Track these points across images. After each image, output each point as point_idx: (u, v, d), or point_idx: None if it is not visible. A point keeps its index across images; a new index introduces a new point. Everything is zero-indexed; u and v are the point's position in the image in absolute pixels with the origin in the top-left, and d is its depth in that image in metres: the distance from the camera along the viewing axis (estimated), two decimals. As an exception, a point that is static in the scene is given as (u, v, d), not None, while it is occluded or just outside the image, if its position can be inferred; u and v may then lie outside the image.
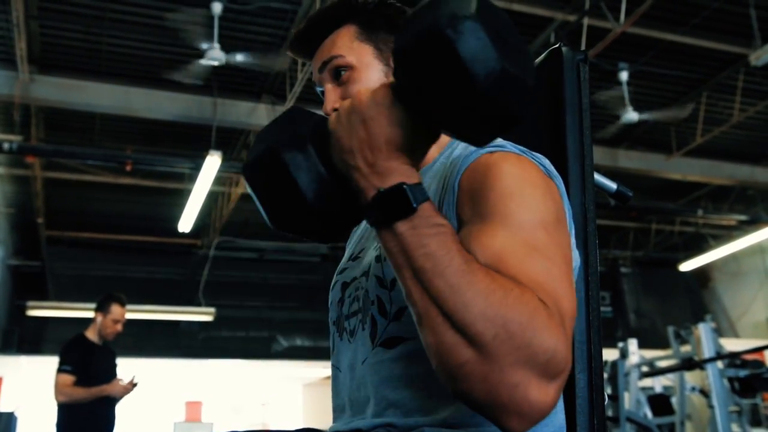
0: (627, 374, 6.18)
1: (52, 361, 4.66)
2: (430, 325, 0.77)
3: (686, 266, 11.98)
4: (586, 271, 1.11)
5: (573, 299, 0.85)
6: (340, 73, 1.12)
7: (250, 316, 11.92)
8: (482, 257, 0.82)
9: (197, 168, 7.38)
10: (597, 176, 1.19)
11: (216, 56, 5.98)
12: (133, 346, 9.58)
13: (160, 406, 11.81)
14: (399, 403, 1.00)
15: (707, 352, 5.40)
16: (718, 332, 6.17)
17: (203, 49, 6.00)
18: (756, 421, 6.45)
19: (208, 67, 6.13)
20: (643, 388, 6.62)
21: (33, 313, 10.25)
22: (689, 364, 5.35)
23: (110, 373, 4.72)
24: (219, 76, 6.76)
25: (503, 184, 0.93)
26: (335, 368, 1.17)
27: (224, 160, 7.30)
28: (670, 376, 6.31)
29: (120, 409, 4.72)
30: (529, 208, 0.91)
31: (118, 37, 6.63)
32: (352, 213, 0.89)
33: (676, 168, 9.13)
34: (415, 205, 0.80)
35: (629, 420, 5.74)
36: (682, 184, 10.08)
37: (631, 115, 7.09)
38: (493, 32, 0.76)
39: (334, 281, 1.20)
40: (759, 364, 5.77)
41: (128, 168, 7.59)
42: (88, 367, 4.55)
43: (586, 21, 6.32)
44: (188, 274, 11.59)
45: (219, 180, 8.71)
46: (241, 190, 9.38)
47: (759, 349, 5.00)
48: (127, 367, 4.99)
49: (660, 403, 6.40)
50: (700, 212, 9.98)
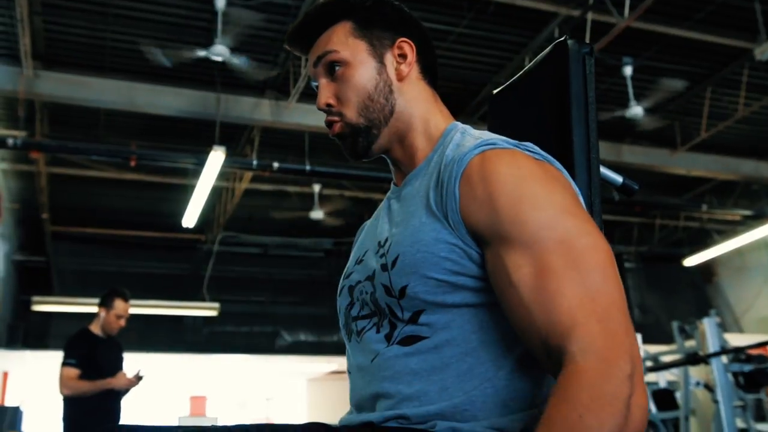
0: (631, 369, 6.18)
1: (57, 356, 4.67)
2: None
3: (691, 261, 11.95)
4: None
5: (612, 284, 0.90)
6: (334, 69, 1.13)
7: (254, 311, 11.94)
8: (526, 294, 0.91)
9: (201, 163, 7.38)
10: (603, 169, 1.19)
11: (219, 52, 5.98)
12: (138, 341, 9.60)
13: (165, 400, 11.85)
14: (413, 396, 1.00)
15: (712, 347, 5.39)
16: (723, 327, 6.15)
17: (207, 44, 6.00)
18: (760, 416, 6.43)
19: (211, 61, 6.13)
20: (648, 383, 6.62)
21: (38, 308, 10.27)
22: (694, 358, 5.34)
23: (115, 367, 4.73)
24: (223, 71, 6.75)
25: (508, 189, 0.95)
26: (348, 372, 1.16)
27: (228, 155, 7.30)
28: (675, 371, 6.31)
29: (125, 403, 4.73)
30: (544, 204, 0.94)
31: (122, 33, 6.63)
32: None
33: (681, 163, 9.11)
34: None
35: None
36: (687, 179, 10.06)
37: (636, 110, 7.08)
38: None
39: (341, 286, 1.19)
40: (764, 358, 5.75)
41: (132, 163, 7.59)
42: (93, 360, 4.57)
43: (590, 16, 6.30)
44: (192, 270, 11.61)
45: (223, 175, 8.72)
46: (245, 186, 9.39)
47: (764, 344, 4.98)
48: (131, 362, 5.00)
49: (664, 398, 6.39)
50: (705, 207, 9.95)
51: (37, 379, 10.56)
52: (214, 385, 12.62)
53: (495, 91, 1.41)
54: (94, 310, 4.84)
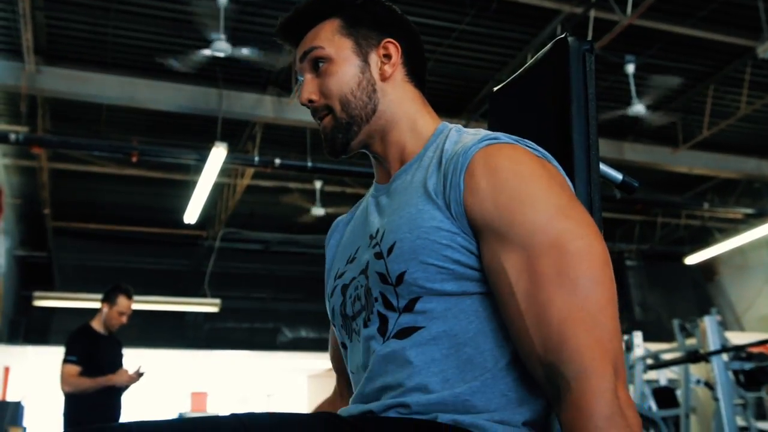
0: (632, 367, 6.18)
1: (59, 352, 4.68)
2: None
3: (692, 259, 11.95)
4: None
5: (604, 297, 0.93)
6: (318, 65, 1.14)
7: (256, 307, 11.96)
8: (520, 301, 0.94)
9: (203, 159, 7.39)
10: (603, 166, 1.19)
11: (222, 48, 5.98)
12: (139, 337, 9.61)
13: (166, 396, 11.86)
14: (415, 389, 1.00)
15: (712, 345, 5.39)
16: (724, 325, 6.15)
17: (209, 40, 6.00)
18: (761, 414, 6.43)
19: (214, 58, 6.13)
20: (648, 381, 6.61)
21: (39, 303, 10.29)
22: (694, 356, 5.33)
23: (116, 363, 4.73)
24: (225, 67, 6.76)
25: (509, 186, 0.98)
26: (351, 372, 1.15)
27: (230, 151, 7.31)
28: (675, 368, 6.31)
29: (126, 399, 4.74)
30: (541, 204, 0.97)
31: (124, 29, 6.63)
32: None
33: (683, 161, 9.10)
34: None
35: (634, 412, 5.73)
36: (689, 177, 10.05)
37: (638, 108, 7.07)
38: None
39: (332, 287, 1.18)
40: (764, 357, 5.74)
41: (134, 159, 7.59)
42: (94, 357, 4.57)
43: (593, 13, 6.30)
44: (194, 266, 11.62)
45: (224, 171, 8.72)
46: (247, 182, 9.39)
47: (764, 342, 4.98)
48: (132, 358, 5.01)
49: (665, 395, 6.39)
50: (706, 205, 9.94)
51: (39, 374, 10.58)
52: (215, 382, 12.62)
53: (495, 89, 1.41)
54: (96, 305, 4.84)
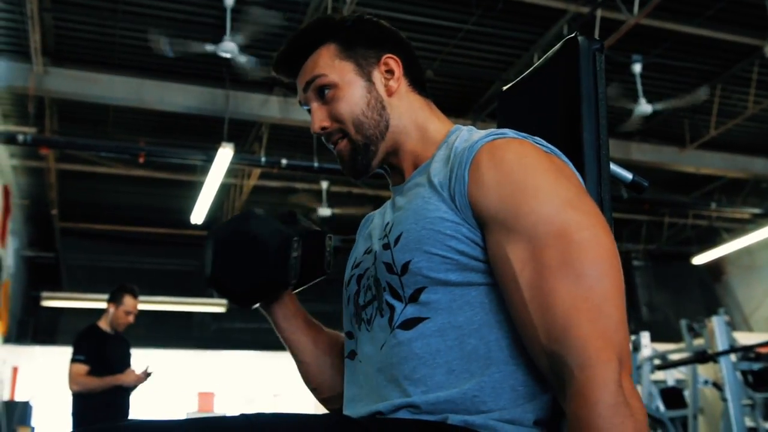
0: (639, 367, 6.16)
1: (66, 351, 4.69)
2: None
3: (699, 259, 11.91)
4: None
5: (610, 287, 0.93)
6: (324, 92, 1.15)
7: (263, 307, 11.95)
8: (525, 291, 0.94)
9: (210, 160, 7.40)
10: (612, 166, 1.19)
11: (228, 49, 5.98)
12: (146, 337, 9.63)
13: (173, 396, 11.88)
14: (420, 381, 1.01)
15: (720, 345, 5.36)
16: (732, 326, 6.12)
17: (216, 41, 6.00)
18: (769, 415, 6.40)
19: (220, 58, 6.13)
20: (656, 382, 6.59)
21: (47, 303, 10.32)
22: (702, 357, 5.32)
23: (124, 363, 4.75)
24: (231, 68, 6.76)
25: (514, 178, 0.98)
26: (356, 360, 1.15)
27: (236, 152, 7.32)
28: (683, 369, 6.28)
29: (133, 399, 4.75)
30: (547, 195, 0.97)
31: (131, 30, 6.64)
32: None
33: (690, 161, 9.07)
34: None
35: (641, 413, 5.72)
36: (696, 177, 10.02)
37: (645, 108, 7.05)
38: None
39: (349, 276, 1.20)
40: (772, 357, 5.72)
41: (141, 160, 7.61)
42: (102, 356, 4.59)
43: (599, 13, 6.28)
44: (200, 266, 11.61)
45: (231, 172, 8.73)
46: (254, 182, 9.41)
47: (772, 343, 4.98)
48: (139, 358, 5.02)
49: (672, 396, 6.37)
50: (714, 205, 9.91)
51: (47, 374, 10.61)
52: (222, 382, 12.64)
53: (504, 88, 1.41)
54: (103, 305, 4.85)
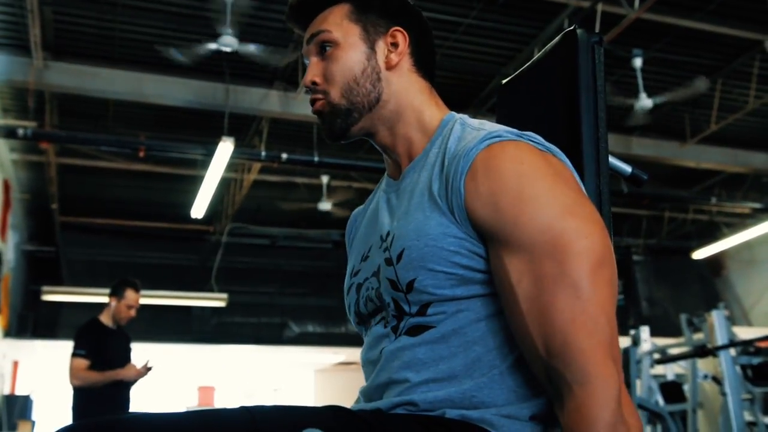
0: (639, 361, 6.17)
1: (67, 346, 4.70)
2: None
3: (699, 254, 11.90)
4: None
5: (605, 298, 0.93)
6: (325, 48, 1.13)
7: (262, 302, 11.98)
8: (524, 303, 0.94)
9: (210, 154, 7.40)
10: (612, 159, 1.19)
11: (229, 43, 5.98)
12: (146, 332, 9.62)
13: (173, 391, 11.91)
14: (421, 383, 1.01)
15: (720, 340, 5.37)
16: (731, 320, 6.13)
17: (216, 35, 6.00)
18: (768, 409, 6.41)
19: (220, 52, 6.13)
20: (655, 376, 6.60)
21: (47, 297, 10.32)
22: (702, 351, 5.32)
23: (124, 357, 4.75)
24: (231, 62, 6.76)
25: (511, 187, 0.96)
26: (363, 366, 1.16)
27: (237, 146, 7.31)
28: (683, 363, 6.29)
29: (134, 393, 4.76)
30: (544, 204, 0.95)
31: (131, 24, 6.64)
32: None
33: (690, 155, 9.07)
34: None
35: (641, 407, 5.73)
36: (696, 172, 10.01)
37: (645, 102, 7.04)
38: None
39: (348, 284, 1.19)
40: (772, 352, 5.73)
41: (141, 154, 7.61)
42: (103, 351, 4.59)
43: (600, 7, 6.27)
44: (201, 260, 11.64)
45: (231, 166, 8.72)
46: (254, 177, 9.40)
47: (772, 337, 4.99)
48: (139, 352, 5.03)
49: (672, 390, 6.38)
50: (714, 200, 9.91)
51: (47, 368, 10.63)
52: (222, 376, 12.67)
53: (504, 81, 1.41)
54: (104, 300, 4.86)
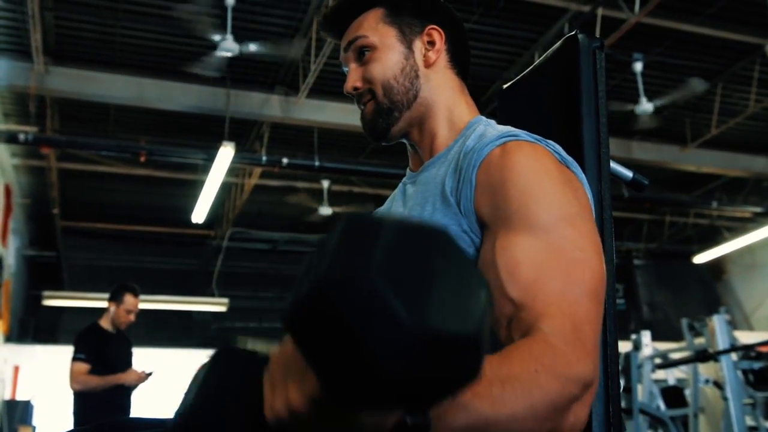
0: (640, 366, 6.16)
1: (68, 350, 4.69)
2: None
3: (700, 258, 11.91)
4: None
5: (594, 308, 0.89)
6: (363, 53, 1.16)
7: (263, 306, 11.97)
8: (504, 273, 0.88)
9: (210, 159, 7.40)
10: (613, 164, 1.19)
11: (229, 47, 5.98)
12: (147, 337, 9.62)
13: (173, 395, 11.88)
14: None
15: (721, 344, 5.37)
16: (733, 325, 6.12)
17: (216, 40, 6.01)
18: (770, 414, 6.41)
19: (222, 58, 6.13)
20: (657, 381, 6.60)
21: (48, 302, 10.33)
22: (703, 356, 5.32)
23: (125, 362, 4.75)
24: (232, 67, 6.76)
25: (521, 181, 0.95)
26: None
27: (237, 151, 7.32)
28: (684, 368, 6.28)
29: (134, 398, 4.76)
30: (551, 204, 0.93)
31: (132, 29, 6.65)
32: None
33: (691, 159, 9.07)
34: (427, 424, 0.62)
35: (642, 412, 5.73)
36: (697, 176, 10.01)
37: (646, 106, 7.05)
38: (403, 287, 0.53)
39: None
40: (773, 356, 5.73)
41: (142, 159, 7.61)
42: (103, 355, 4.59)
43: (601, 11, 6.28)
44: (201, 265, 11.64)
45: (232, 171, 8.73)
46: (255, 181, 9.40)
47: (773, 342, 5.00)
48: (140, 357, 5.03)
49: (673, 395, 6.37)
50: (715, 204, 9.91)
51: (48, 373, 10.61)
52: (222, 381, 12.65)
53: (505, 86, 1.41)
54: (104, 304, 4.86)
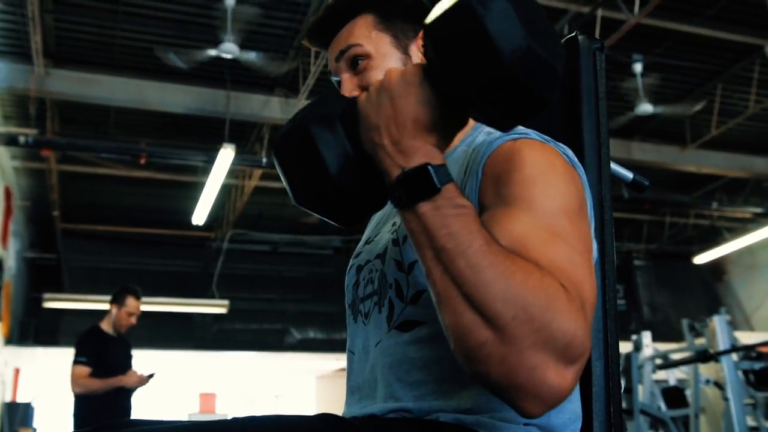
0: (641, 367, 6.17)
1: (68, 353, 4.70)
2: (450, 305, 0.77)
3: (701, 259, 11.91)
4: (603, 259, 1.11)
5: (593, 286, 0.85)
6: (357, 62, 1.11)
7: (264, 308, 11.96)
8: (504, 241, 0.81)
9: (211, 161, 7.40)
10: (613, 165, 1.19)
11: (229, 49, 5.99)
12: (147, 338, 9.62)
13: (175, 397, 11.89)
14: (413, 386, 1.01)
15: (722, 345, 5.37)
16: (733, 325, 6.13)
17: (217, 42, 6.02)
18: (771, 414, 6.40)
19: (221, 59, 6.14)
20: (657, 381, 6.60)
21: (49, 305, 10.32)
22: (704, 356, 5.32)
23: (126, 364, 4.75)
24: (232, 69, 6.77)
25: (527, 171, 0.93)
26: (350, 352, 1.17)
27: (237, 153, 7.32)
28: (685, 368, 6.29)
29: (135, 400, 4.76)
30: (553, 195, 0.92)
31: (132, 31, 6.65)
32: (375, 194, 0.89)
33: (691, 160, 9.07)
34: (438, 186, 0.80)
35: (643, 412, 5.73)
36: (697, 177, 10.01)
37: (646, 107, 7.05)
38: (522, 12, 0.76)
39: (349, 265, 1.21)
40: (774, 356, 5.73)
41: (142, 161, 7.62)
42: (104, 358, 4.60)
43: (600, 12, 6.28)
44: (202, 267, 11.64)
45: (232, 173, 8.73)
46: (255, 183, 9.40)
47: (774, 342, 5.00)
48: (140, 359, 5.03)
49: (674, 395, 6.38)
50: (715, 205, 9.90)
51: (49, 375, 10.63)
52: (223, 382, 12.66)
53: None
54: (105, 307, 4.86)
